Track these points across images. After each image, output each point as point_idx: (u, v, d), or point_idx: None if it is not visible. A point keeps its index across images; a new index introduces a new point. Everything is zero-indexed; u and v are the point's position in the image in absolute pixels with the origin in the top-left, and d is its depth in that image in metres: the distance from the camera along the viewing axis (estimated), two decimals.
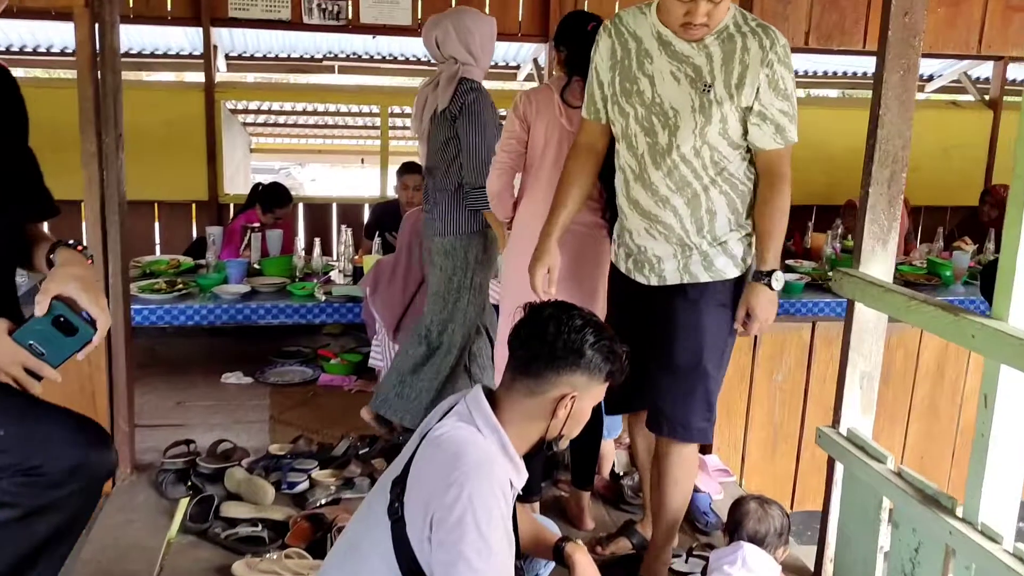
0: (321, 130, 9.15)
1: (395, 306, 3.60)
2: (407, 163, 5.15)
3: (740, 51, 2.01)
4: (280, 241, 4.68)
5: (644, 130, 2.07)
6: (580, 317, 1.64)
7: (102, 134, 2.65)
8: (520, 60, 6.93)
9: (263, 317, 3.94)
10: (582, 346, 1.61)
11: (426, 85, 3.18)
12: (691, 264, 2.14)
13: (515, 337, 1.67)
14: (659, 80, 2.03)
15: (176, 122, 5.74)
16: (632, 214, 2.15)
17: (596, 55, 2.14)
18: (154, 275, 4.23)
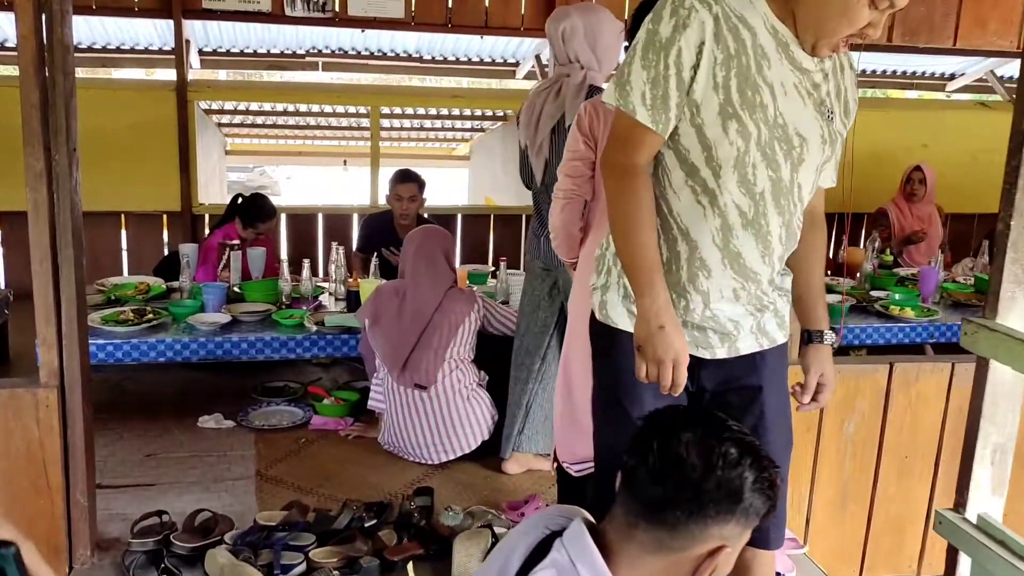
0: (302, 131, 8.67)
1: (402, 343, 3.16)
2: (402, 171, 4.72)
3: (837, 69, 1.65)
4: (263, 260, 4.22)
5: (766, 160, 1.57)
6: (732, 441, 1.21)
7: (51, 149, 2.19)
8: (520, 56, 6.51)
9: (246, 352, 3.49)
10: (741, 487, 1.19)
11: (541, 91, 2.79)
12: (766, 322, 1.74)
13: (639, 465, 1.23)
14: (780, 93, 1.55)
15: (145, 125, 5.27)
16: (723, 272, 1.64)
17: (683, 38, 1.49)
18: (120, 301, 3.76)
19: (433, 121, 8.11)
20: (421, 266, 3.23)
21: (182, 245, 4.20)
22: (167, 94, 5.24)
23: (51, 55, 2.15)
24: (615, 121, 1.59)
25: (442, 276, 3.24)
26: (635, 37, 1.57)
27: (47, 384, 2.31)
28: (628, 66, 1.54)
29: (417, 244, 3.28)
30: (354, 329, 3.56)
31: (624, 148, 1.57)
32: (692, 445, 1.19)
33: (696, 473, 1.17)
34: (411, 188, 4.60)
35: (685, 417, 1.26)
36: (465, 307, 3.22)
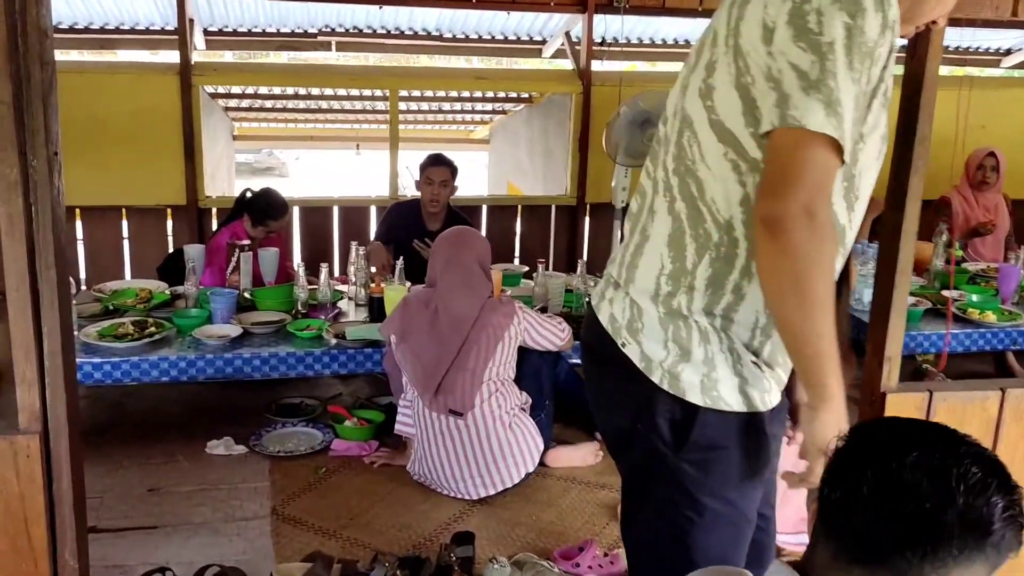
0: (313, 114, 8.32)
1: (434, 363, 2.83)
2: (434, 154, 4.41)
3: None
4: (276, 262, 3.90)
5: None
6: (972, 458, 0.94)
7: (27, 154, 1.86)
8: (548, 33, 6.12)
9: (258, 369, 3.17)
10: (990, 517, 0.92)
11: None
12: None
13: (849, 498, 0.96)
14: None
15: (146, 111, 4.93)
16: None
17: (889, 39, 1.21)
18: (119, 311, 3.45)
19: (452, 103, 7.74)
20: (455, 276, 2.89)
21: (187, 247, 3.87)
22: (170, 78, 4.90)
23: (24, 41, 1.81)
24: (808, 154, 1.17)
25: (479, 286, 2.90)
26: (818, 29, 1.17)
27: (27, 430, 1.98)
28: (833, 77, 1.15)
29: (449, 251, 2.94)
30: (378, 342, 3.24)
31: (822, 192, 1.18)
32: (921, 468, 0.92)
33: (931, 503, 0.91)
34: (443, 172, 4.30)
35: (904, 431, 0.98)
36: (504, 320, 2.89)
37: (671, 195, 1.35)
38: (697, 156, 1.31)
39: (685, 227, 1.32)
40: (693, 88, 1.34)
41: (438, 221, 4.44)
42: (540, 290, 3.63)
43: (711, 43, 1.32)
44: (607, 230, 5.77)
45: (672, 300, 1.34)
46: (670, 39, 6.40)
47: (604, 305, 1.45)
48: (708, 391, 1.33)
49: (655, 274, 1.35)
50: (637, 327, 1.36)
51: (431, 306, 2.90)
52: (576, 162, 5.60)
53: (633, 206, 1.49)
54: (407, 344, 2.90)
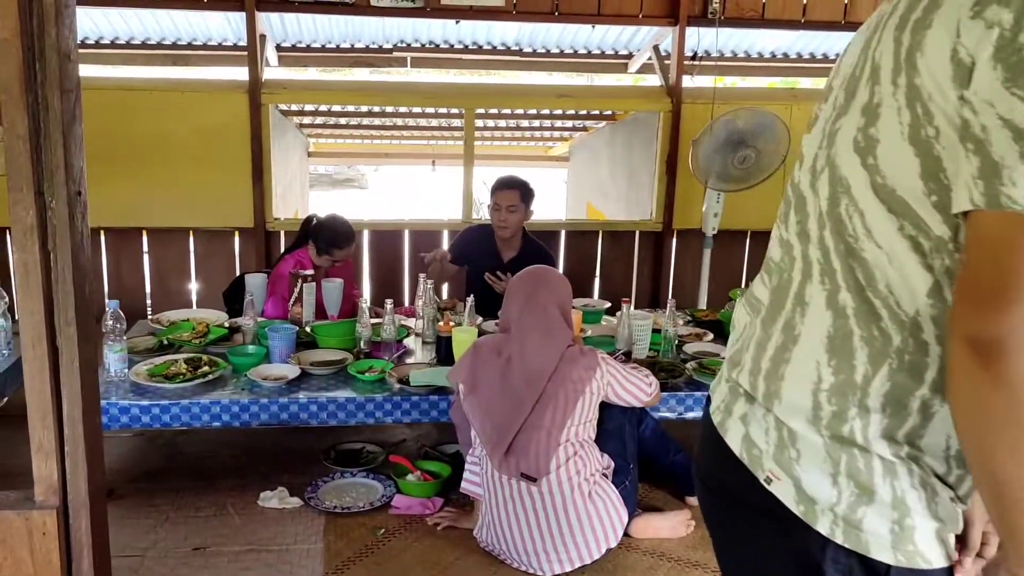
0: (388, 131, 8.19)
1: (506, 420, 2.53)
2: (503, 177, 4.12)
3: None
4: (339, 295, 3.68)
5: None
6: None
7: (44, 194, 1.64)
8: (634, 47, 5.80)
9: (315, 416, 2.93)
10: None
11: None
12: None
13: None
14: None
15: (215, 130, 4.80)
16: None
17: None
18: (173, 346, 3.27)
19: (530, 120, 7.48)
20: (531, 322, 2.59)
21: (248, 277, 3.69)
22: (239, 96, 4.76)
23: (43, 66, 1.59)
24: None
25: (557, 335, 2.60)
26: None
27: (44, 504, 1.76)
28: None
29: (526, 294, 2.64)
30: (445, 389, 2.97)
31: None
32: None
33: None
34: (511, 196, 4.00)
35: None
36: (585, 373, 2.58)
37: (831, 282, 1.00)
38: (861, 231, 0.96)
39: (853, 327, 0.97)
40: (845, 138, 1.00)
41: (512, 249, 4.16)
42: (624, 332, 3.30)
43: (869, 78, 0.97)
44: (695, 258, 5.40)
45: (841, 425, 0.98)
46: (767, 52, 5.99)
47: (733, 424, 1.10)
48: (901, 544, 0.97)
49: (810, 388, 1.01)
50: (789, 457, 1.02)
51: (504, 354, 2.61)
52: (663, 185, 5.25)
53: (760, 289, 1.15)
54: (476, 396, 2.61)
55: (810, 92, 5.54)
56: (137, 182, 4.77)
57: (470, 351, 2.71)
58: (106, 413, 2.82)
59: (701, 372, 3.19)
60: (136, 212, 4.83)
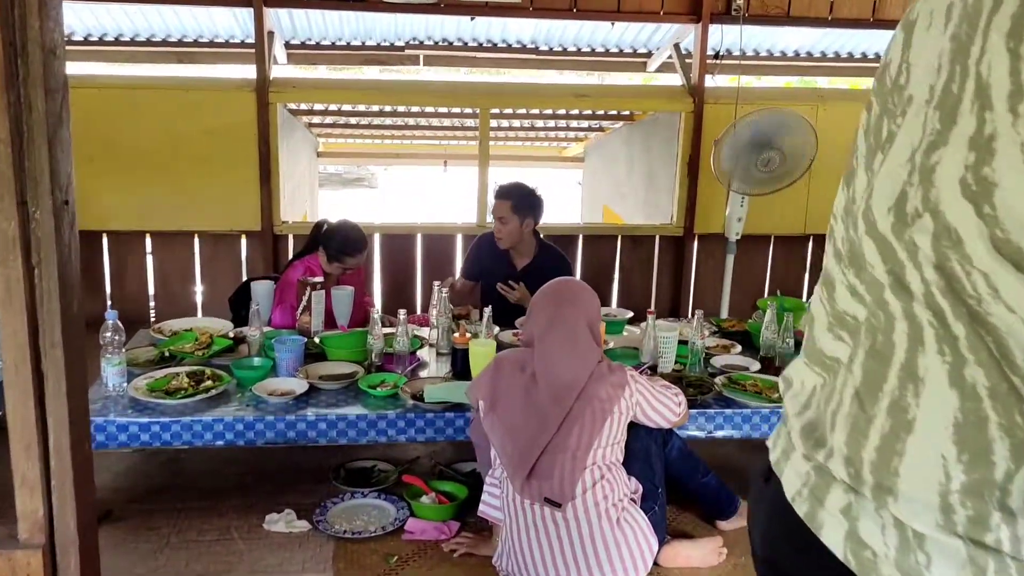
0: (400, 131, 8.05)
1: (529, 441, 2.38)
2: (500, 186, 3.96)
3: None
4: (350, 304, 3.53)
5: None
6: None
7: (27, 203, 1.50)
8: (654, 45, 5.64)
9: (324, 434, 2.78)
10: None
11: None
12: None
13: None
14: None
15: (221, 130, 4.67)
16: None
17: None
18: (174, 358, 3.13)
19: (545, 120, 7.33)
20: (558, 337, 2.43)
21: (254, 284, 3.56)
22: (246, 95, 4.63)
23: (25, 62, 1.45)
24: None
25: (586, 350, 2.44)
26: None
27: (29, 543, 1.62)
28: None
29: (552, 307, 2.48)
30: (463, 405, 2.82)
31: None
32: None
33: None
34: (501, 207, 3.87)
35: None
36: (613, 392, 2.42)
37: (952, 352, 0.78)
38: (985, 292, 0.75)
39: (988, 411, 0.76)
40: (949, 178, 0.77)
41: (525, 256, 4.01)
42: (650, 344, 3.15)
43: (975, 99, 0.74)
44: (717, 264, 5.24)
45: (983, 532, 0.78)
46: (789, 51, 5.82)
47: (830, 519, 0.88)
48: None
49: (936, 489, 0.80)
50: (917, 562, 0.81)
51: (527, 370, 2.45)
52: (684, 188, 5.09)
53: (835, 346, 0.92)
54: (497, 414, 2.45)
55: (838, 92, 5.37)
56: (140, 183, 4.64)
57: (491, 366, 2.55)
58: (103, 431, 2.68)
59: (731, 388, 3.03)
60: (139, 214, 4.70)
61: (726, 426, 2.96)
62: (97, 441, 2.69)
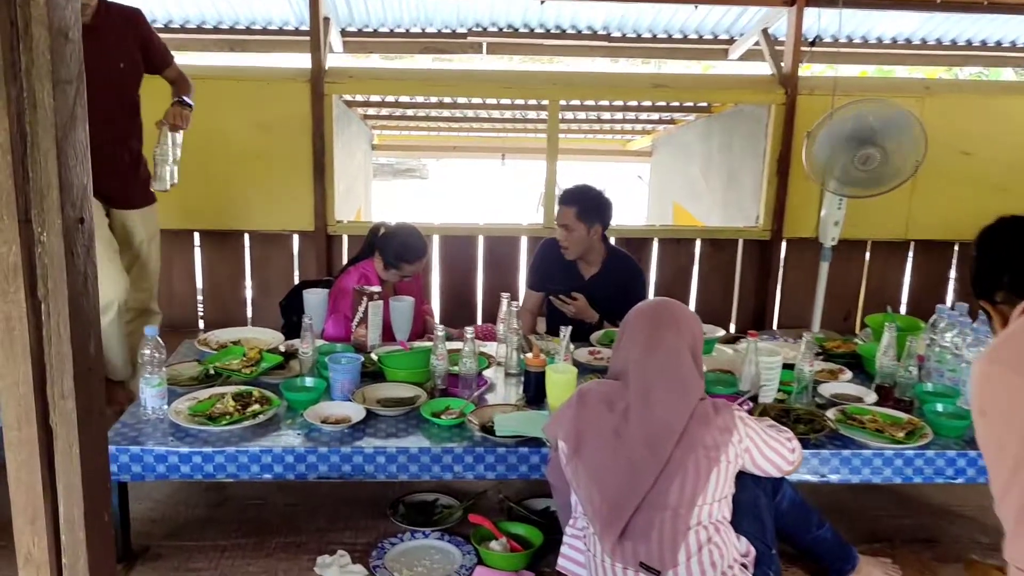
0: (458, 123, 7.76)
1: (622, 494, 2.06)
2: (565, 191, 3.64)
3: None
4: (409, 317, 3.26)
5: None
6: None
7: (32, 222, 1.23)
8: (738, 32, 5.25)
9: (383, 469, 2.50)
10: None
11: None
12: None
13: None
14: None
15: (273, 123, 4.43)
16: None
17: None
18: (219, 376, 2.88)
19: (613, 112, 6.96)
20: (655, 369, 2.10)
21: (306, 294, 3.29)
22: (300, 85, 4.38)
23: (28, 47, 1.17)
24: None
25: (690, 385, 2.11)
26: None
27: None
28: None
29: (649, 334, 2.15)
30: (539, 440, 2.52)
31: None
32: None
33: None
34: (566, 214, 3.57)
35: None
36: (720, 436, 2.08)
37: None
38: None
39: None
40: None
41: (593, 264, 3.70)
42: (751, 371, 2.80)
43: None
44: (808, 272, 4.83)
45: None
46: (887, 38, 5.38)
47: None
48: None
49: None
50: None
51: (618, 409, 2.13)
52: (772, 187, 4.70)
53: None
54: (582, 460, 2.13)
55: (946, 84, 4.91)
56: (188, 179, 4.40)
57: (574, 401, 2.23)
58: (139, 461, 2.44)
59: (847, 424, 2.66)
60: (186, 212, 4.48)
61: (842, 469, 2.60)
62: (132, 472, 2.45)
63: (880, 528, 2.93)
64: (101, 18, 3.22)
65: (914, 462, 2.61)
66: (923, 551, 2.79)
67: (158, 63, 3.48)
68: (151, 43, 3.43)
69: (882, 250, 4.92)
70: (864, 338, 3.52)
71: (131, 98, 3.42)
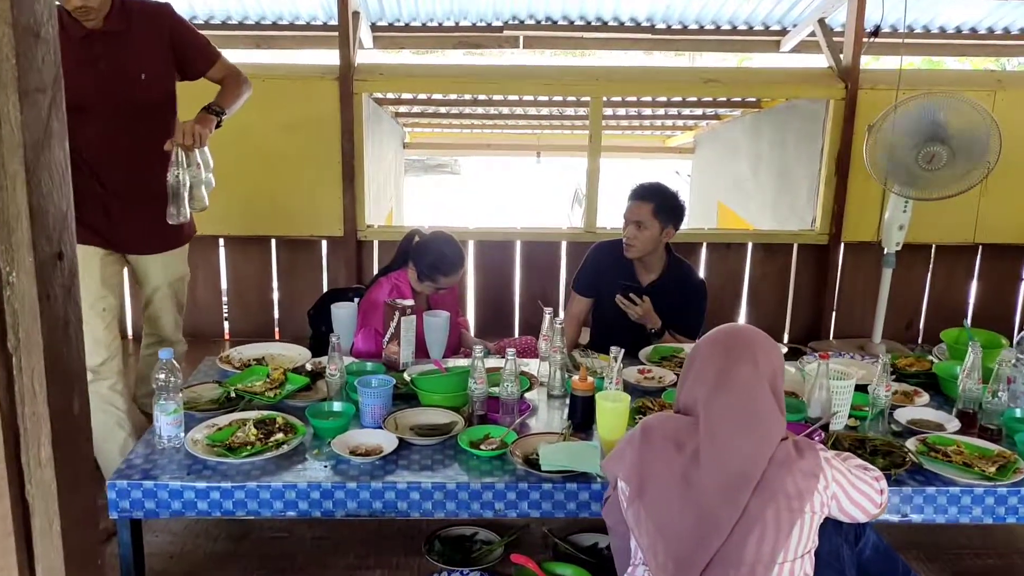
0: (492, 120, 7.55)
1: (691, 545, 1.83)
2: (638, 186, 3.42)
3: None
4: (445, 333, 3.05)
5: None
6: None
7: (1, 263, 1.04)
8: (790, 22, 4.97)
9: (417, 506, 2.30)
10: None
11: None
12: None
13: None
14: None
15: (301, 124, 4.25)
16: None
17: None
18: (241, 399, 2.68)
19: (655, 108, 6.70)
20: (730, 406, 1.86)
21: (335, 308, 3.09)
22: (328, 83, 4.19)
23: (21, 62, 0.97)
24: None
25: (768, 427, 1.87)
26: None
27: None
28: None
29: (722, 365, 1.90)
30: (588, 475, 2.29)
31: None
32: None
33: None
34: (641, 209, 3.32)
35: None
36: (804, 483, 1.84)
37: None
38: None
39: None
40: None
41: (653, 271, 3.46)
42: (821, 395, 2.54)
43: None
44: (868, 279, 4.56)
45: None
46: (950, 27, 5.06)
47: None
48: None
49: None
50: None
51: (687, 449, 1.89)
52: (831, 188, 4.42)
53: None
54: (645, 505, 1.90)
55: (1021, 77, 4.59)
56: None
57: (637, 436, 1.99)
58: (152, 497, 2.25)
59: (931, 458, 2.41)
60: (211, 217, 4.30)
61: (927, 508, 2.34)
62: (146, 509, 2.26)
63: (963, 569, 2.67)
64: (115, 20, 2.66)
65: (1008, 500, 2.34)
66: None
67: (199, 65, 2.93)
68: (185, 41, 2.85)
69: (947, 255, 4.62)
70: (939, 355, 3.25)
71: (157, 117, 2.84)
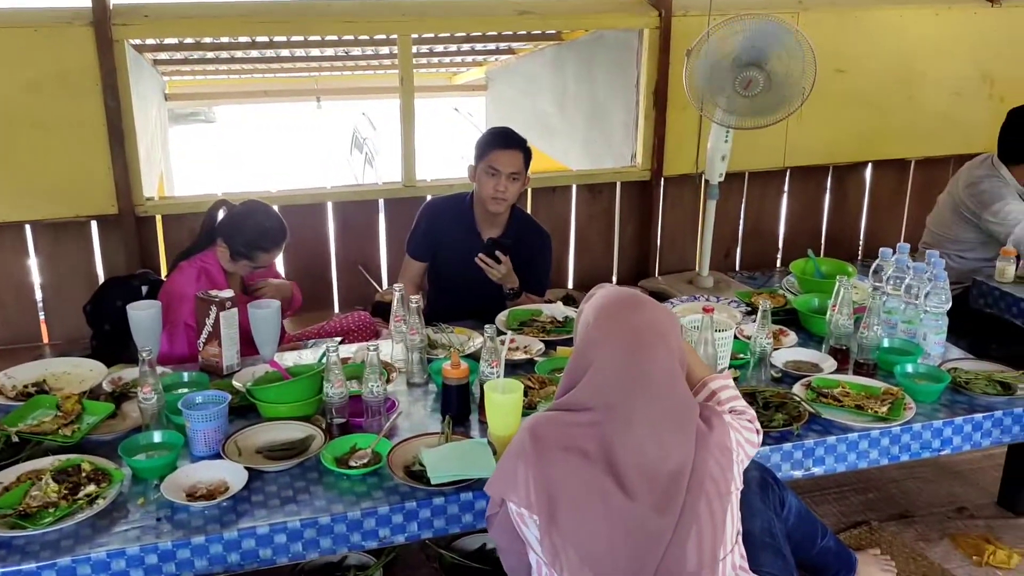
0: (265, 64, 6.81)
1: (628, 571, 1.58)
2: (504, 132, 3.17)
3: None
4: (277, 326, 2.59)
5: None
6: None
7: None
8: None
9: (284, 551, 1.91)
10: None
11: None
12: None
13: None
14: None
15: (50, 81, 3.49)
16: None
17: None
18: (28, 443, 2.10)
19: (446, 44, 6.30)
20: (650, 401, 1.59)
21: (131, 309, 2.49)
22: (80, 30, 3.46)
23: None
24: None
25: (691, 409, 1.64)
26: None
27: None
28: None
29: (630, 350, 1.59)
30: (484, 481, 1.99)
31: None
32: None
33: None
34: (515, 159, 3.05)
35: None
36: (723, 458, 1.63)
37: None
38: None
39: None
40: None
41: (496, 226, 3.18)
42: (709, 351, 2.37)
43: None
44: (688, 212, 4.53)
45: None
46: None
47: None
48: None
49: None
50: None
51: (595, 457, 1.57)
52: (650, 123, 4.31)
53: None
54: (561, 533, 1.59)
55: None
56: None
57: (527, 450, 1.63)
58: None
59: (822, 403, 2.33)
60: None
61: (827, 459, 2.27)
62: None
63: (849, 509, 2.67)
64: None
65: (901, 439, 2.32)
66: (903, 531, 2.55)
67: None
68: None
69: (758, 181, 4.69)
70: (789, 288, 3.23)
71: None
